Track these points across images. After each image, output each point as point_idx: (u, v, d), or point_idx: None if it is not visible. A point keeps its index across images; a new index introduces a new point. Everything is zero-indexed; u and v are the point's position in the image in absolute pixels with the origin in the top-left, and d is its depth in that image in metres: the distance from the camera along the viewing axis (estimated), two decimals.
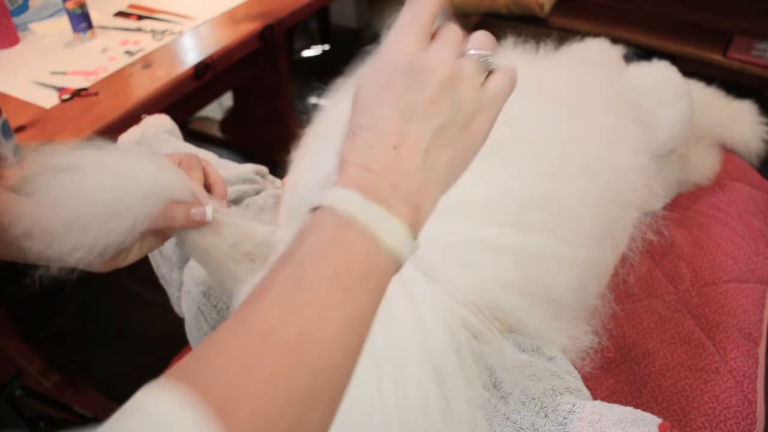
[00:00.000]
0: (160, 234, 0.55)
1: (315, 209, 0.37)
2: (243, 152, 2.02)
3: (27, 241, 0.50)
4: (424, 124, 0.39)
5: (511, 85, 0.44)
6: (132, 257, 0.55)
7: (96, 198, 0.48)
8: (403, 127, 0.39)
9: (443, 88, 0.40)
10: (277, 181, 0.89)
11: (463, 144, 0.41)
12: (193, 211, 0.50)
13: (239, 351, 0.31)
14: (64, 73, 1.20)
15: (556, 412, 0.48)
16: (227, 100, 2.21)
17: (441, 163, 0.40)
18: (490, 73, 0.43)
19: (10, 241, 0.53)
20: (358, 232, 0.36)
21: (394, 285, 0.50)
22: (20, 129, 1.05)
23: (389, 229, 0.37)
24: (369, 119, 0.39)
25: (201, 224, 0.51)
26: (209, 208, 0.51)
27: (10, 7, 1.35)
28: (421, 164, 0.39)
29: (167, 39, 1.31)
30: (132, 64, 1.22)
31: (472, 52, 0.43)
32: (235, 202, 0.77)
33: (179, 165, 0.54)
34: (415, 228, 0.39)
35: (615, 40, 1.14)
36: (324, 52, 2.74)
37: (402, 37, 0.41)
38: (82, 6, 1.27)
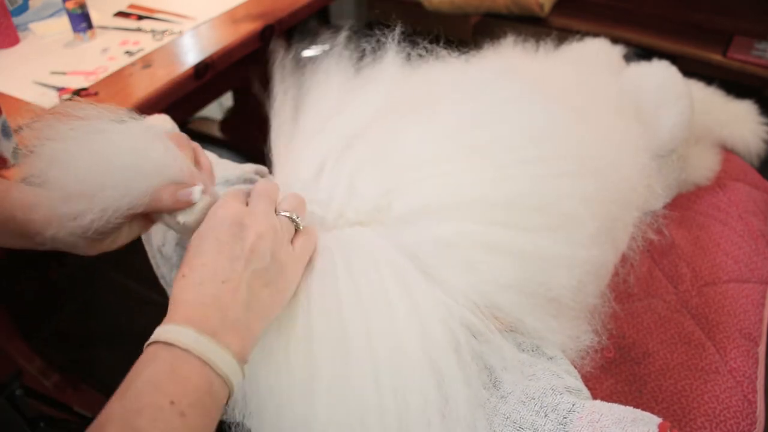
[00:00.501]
0: (148, 217, 0.55)
1: (149, 344, 0.42)
2: (243, 152, 2.02)
3: (45, 228, 0.52)
4: (246, 265, 0.46)
5: (314, 244, 0.53)
6: (120, 240, 0.55)
7: (116, 159, 0.49)
8: (228, 267, 0.46)
9: (261, 239, 0.48)
10: None
11: (281, 285, 0.49)
12: (180, 192, 0.51)
13: None
14: (64, 73, 1.20)
15: (556, 412, 0.48)
16: (227, 100, 2.21)
17: (263, 297, 0.47)
18: (296, 231, 0.52)
19: (25, 231, 0.54)
20: (193, 363, 0.41)
21: (393, 285, 0.50)
22: (20, 129, 1.05)
23: (220, 358, 0.42)
24: (199, 262, 0.46)
25: (188, 205, 0.51)
26: (197, 189, 0.51)
27: (10, 7, 1.35)
28: (245, 297, 0.45)
29: (167, 39, 1.31)
30: (132, 64, 1.22)
31: (283, 213, 0.52)
32: None
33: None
34: (242, 355, 0.44)
35: (615, 40, 1.14)
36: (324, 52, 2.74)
37: (227, 204, 0.49)
38: (82, 6, 1.27)
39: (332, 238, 0.54)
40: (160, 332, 0.42)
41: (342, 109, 0.62)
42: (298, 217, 0.52)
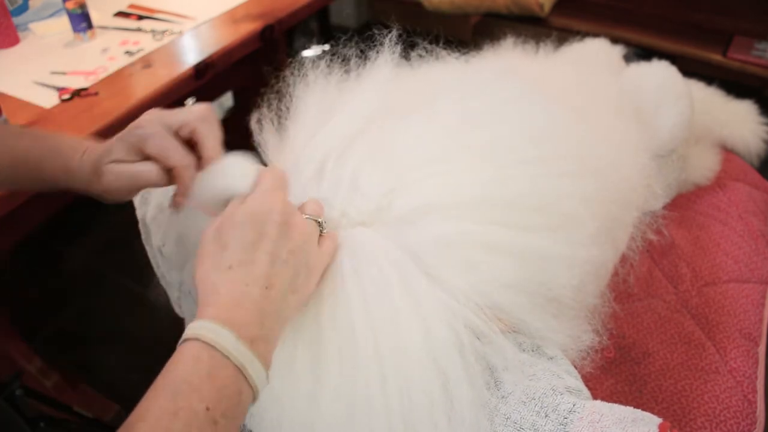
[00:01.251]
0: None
1: (188, 340, 0.41)
2: (243, 152, 2.02)
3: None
4: (286, 271, 0.46)
5: (336, 249, 0.53)
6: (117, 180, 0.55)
7: None
8: (271, 272, 0.45)
9: (304, 243, 0.48)
10: None
11: (305, 291, 0.48)
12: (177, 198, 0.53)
13: None
14: (64, 73, 1.20)
15: (557, 412, 0.48)
16: (227, 100, 2.21)
17: (290, 304, 0.47)
18: (320, 234, 0.52)
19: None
20: (231, 370, 0.40)
21: (398, 287, 0.50)
22: None
23: (254, 369, 0.41)
24: (248, 258, 0.45)
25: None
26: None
27: (10, 7, 1.35)
28: (279, 306, 0.45)
29: (167, 39, 1.31)
30: (132, 64, 1.22)
31: (307, 216, 0.52)
32: None
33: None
34: (268, 362, 0.44)
35: (615, 40, 1.14)
36: (324, 51, 2.74)
37: (274, 194, 0.49)
38: (82, 6, 1.27)
39: (338, 239, 0.54)
40: (202, 328, 0.41)
41: (339, 109, 0.62)
42: (324, 222, 0.52)
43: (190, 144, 0.54)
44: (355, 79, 0.66)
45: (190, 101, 0.64)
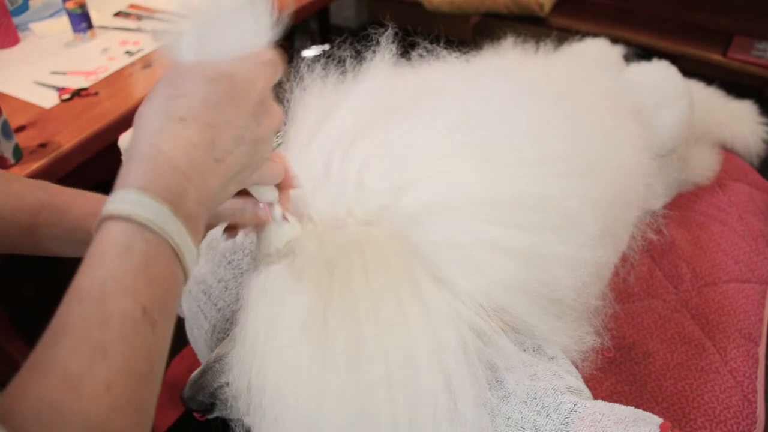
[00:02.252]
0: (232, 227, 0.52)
1: (115, 217, 0.32)
2: None
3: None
4: (244, 154, 0.39)
5: (279, 176, 0.47)
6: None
7: None
8: (228, 146, 0.37)
9: (269, 135, 0.41)
10: None
11: (240, 183, 0.42)
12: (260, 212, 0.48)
13: (45, 398, 0.28)
14: (64, 73, 1.20)
15: (558, 412, 0.48)
16: None
17: (229, 189, 0.40)
18: None
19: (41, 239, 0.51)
20: (168, 256, 0.33)
21: (405, 287, 0.50)
22: (20, 129, 1.05)
23: (189, 251, 0.35)
24: (207, 116, 0.36)
25: (266, 222, 0.49)
26: (277, 209, 0.49)
27: (10, 7, 1.35)
28: (221, 184, 0.38)
29: (167, 39, 1.31)
30: (132, 64, 1.22)
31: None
32: None
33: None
34: (198, 242, 0.37)
35: (615, 40, 1.14)
36: (323, 51, 2.74)
37: (264, 70, 0.41)
38: (82, 6, 1.27)
39: (347, 239, 0.53)
40: (134, 202, 0.32)
41: (339, 108, 0.62)
42: (281, 135, 0.47)
43: None
44: (352, 79, 0.65)
45: None
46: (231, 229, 0.51)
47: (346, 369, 0.48)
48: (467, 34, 2.37)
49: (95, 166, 1.07)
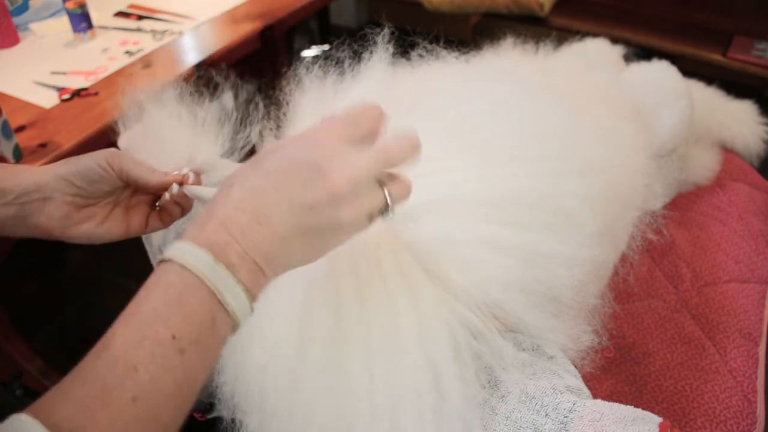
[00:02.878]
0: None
1: (165, 261, 0.38)
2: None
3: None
4: (292, 219, 0.40)
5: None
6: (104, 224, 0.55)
7: None
8: (273, 210, 0.40)
9: (330, 201, 0.41)
10: None
11: (324, 246, 0.43)
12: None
13: (81, 403, 0.33)
14: (64, 73, 1.20)
15: (557, 411, 0.48)
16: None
17: (296, 250, 0.41)
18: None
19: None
20: (204, 294, 0.37)
21: (394, 279, 0.50)
22: (20, 129, 1.05)
23: (233, 294, 0.38)
24: (252, 182, 0.40)
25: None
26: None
27: (10, 7, 1.35)
28: (276, 246, 0.40)
29: (167, 39, 1.31)
30: (132, 64, 1.22)
31: (386, 191, 0.44)
32: None
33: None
34: (253, 293, 0.40)
35: (615, 40, 1.14)
36: (324, 51, 2.74)
37: (339, 130, 0.42)
38: (82, 6, 1.27)
39: None
40: (177, 249, 0.38)
41: (336, 107, 0.62)
42: (391, 208, 0.45)
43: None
44: (350, 80, 0.66)
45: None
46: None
47: (323, 352, 0.49)
48: (467, 34, 2.37)
49: None
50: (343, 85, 0.65)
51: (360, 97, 0.63)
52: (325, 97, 0.64)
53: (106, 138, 1.06)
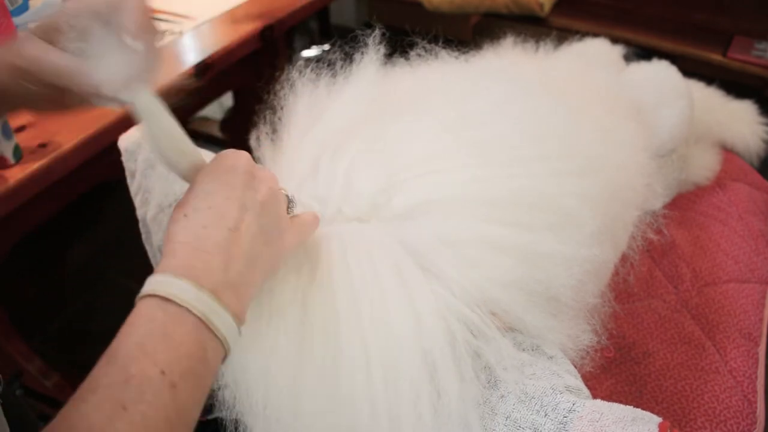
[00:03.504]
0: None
1: (143, 297, 0.38)
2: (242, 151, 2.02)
3: None
4: (255, 217, 0.43)
5: (311, 228, 0.51)
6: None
7: None
8: (237, 214, 0.42)
9: (272, 196, 0.45)
10: None
11: (278, 248, 0.46)
12: None
13: None
14: None
15: (556, 411, 0.48)
16: (227, 100, 2.21)
17: (263, 256, 0.43)
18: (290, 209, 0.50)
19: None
20: (191, 324, 0.37)
21: (389, 276, 0.50)
22: (20, 129, 1.05)
23: (221, 319, 0.38)
24: (205, 205, 0.42)
25: None
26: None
27: (10, 7, 1.35)
28: (249, 250, 0.42)
29: (167, 39, 1.31)
30: None
31: (282, 189, 0.49)
32: None
33: None
34: (240, 315, 0.40)
35: (615, 40, 1.14)
36: (324, 51, 2.74)
37: (239, 153, 0.46)
38: None
39: (330, 232, 0.54)
40: (156, 283, 0.38)
41: (329, 108, 0.62)
42: (293, 198, 0.50)
43: None
44: (342, 81, 0.66)
45: None
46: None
47: (322, 353, 0.49)
48: (467, 34, 2.37)
49: (95, 166, 1.07)
50: (336, 87, 0.65)
51: (352, 99, 0.63)
52: (318, 100, 0.64)
53: (106, 138, 1.06)
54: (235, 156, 0.45)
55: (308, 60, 0.67)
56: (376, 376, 0.48)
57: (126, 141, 0.84)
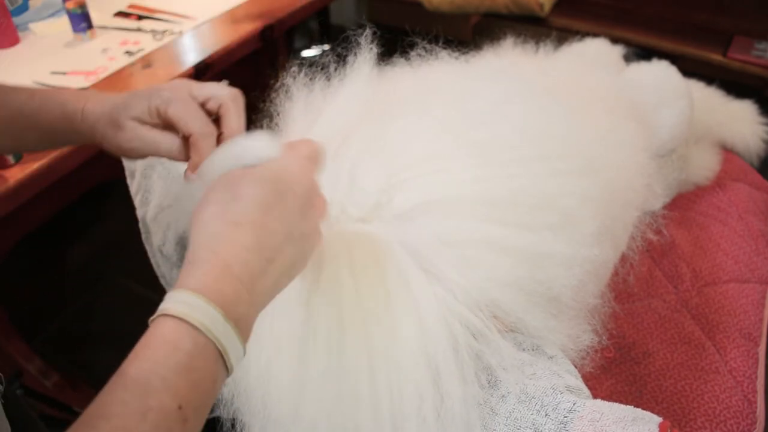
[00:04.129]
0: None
1: (170, 316, 0.35)
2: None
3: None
4: (292, 251, 0.40)
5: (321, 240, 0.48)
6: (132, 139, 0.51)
7: None
8: (280, 246, 0.39)
9: (316, 231, 0.43)
10: None
11: (293, 277, 0.43)
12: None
13: None
14: (64, 73, 1.20)
15: (557, 411, 0.48)
16: None
17: (280, 287, 0.41)
18: None
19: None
20: (212, 358, 0.35)
21: (394, 281, 0.50)
22: None
23: (235, 351, 0.36)
24: (260, 219, 0.39)
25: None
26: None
27: (10, 7, 1.35)
28: (274, 284, 0.40)
29: (167, 39, 1.31)
30: (132, 64, 1.22)
31: None
32: None
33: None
34: (246, 340, 0.38)
35: (615, 40, 1.14)
36: (324, 51, 2.74)
37: (307, 165, 0.43)
38: (82, 6, 1.27)
39: (334, 234, 0.54)
40: (187, 305, 0.35)
41: (327, 108, 0.62)
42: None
43: (215, 120, 0.51)
44: (338, 82, 0.66)
45: (224, 82, 0.60)
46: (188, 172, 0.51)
47: (326, 355, 0.49)
48: (467, 34, 2.37)
49: (95, 166, 1.07)
50: (331, 89, 0.65)
51: (348, 100, 0.63)
52: (314, 103, 0.64)
53: None
54: (302, 169, 0.42)
55: (303, 63, 0.67)
56: (380, 380, 0.48)
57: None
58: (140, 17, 1.41)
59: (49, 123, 0.54)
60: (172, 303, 0.35)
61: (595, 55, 1.07)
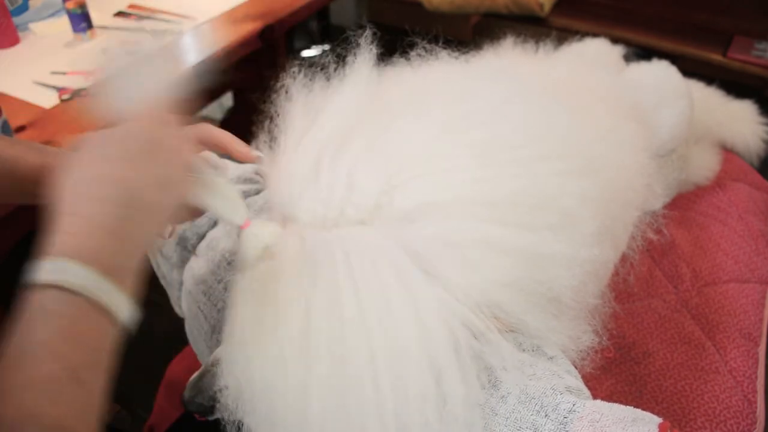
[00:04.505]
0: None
1: (47, 285, 0.35)
2: None
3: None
4: (153, 193, 0.41)
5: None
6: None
7: None
8: (138, 191, 0.40)
9: (178, 170, 0.45)
10: None
11: (168, 205, 0.44)
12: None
13: None
14: (64, 73, 1.20)
15: (557, 412, 0.48)
16: (227, 100, 2.21)
17: (151, 231, 0.42)
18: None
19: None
20: (96, 317, 0.35)
21: (393, 282, 0.50)
22: (20, 129, 1.05)
23: (119, 304, 0.37)
24: (104, 174, 0.40)
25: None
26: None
27: (10, 7, 1.35)
28: (140, 226, 0.40)
29: (167, 39, 1.31)
30: None
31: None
32: None
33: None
34: (130, 291, 0.39)
35: (615, 40, 1.14)
36: (324, 51, 2.74)
37: (156, 121, 0.46)
38: (82, 6, 1.27)
39: (332, 236, 0.54)
40: (62, 272, 0.35)
41: (326, 108, 0.62)
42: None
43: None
44: (337, 82, 0.66)
45: None
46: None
47: (328, 360, 0.48)
48: (467, 34, 2.37)
49: None
50: (330, 90, 0.65)
51: (347, 99, 0.63)
52: (313, 103, 0.64)
53: None
54: (148, 124, 0.45)
55: (303, 63, 0.67)
56: (383, 383, 0.48)
57: None
58: (140, 17, 1.41)
59: (25, 171, 0.55)
60: (46, 273, 0.36)
61: (595, 55, 1.07)
